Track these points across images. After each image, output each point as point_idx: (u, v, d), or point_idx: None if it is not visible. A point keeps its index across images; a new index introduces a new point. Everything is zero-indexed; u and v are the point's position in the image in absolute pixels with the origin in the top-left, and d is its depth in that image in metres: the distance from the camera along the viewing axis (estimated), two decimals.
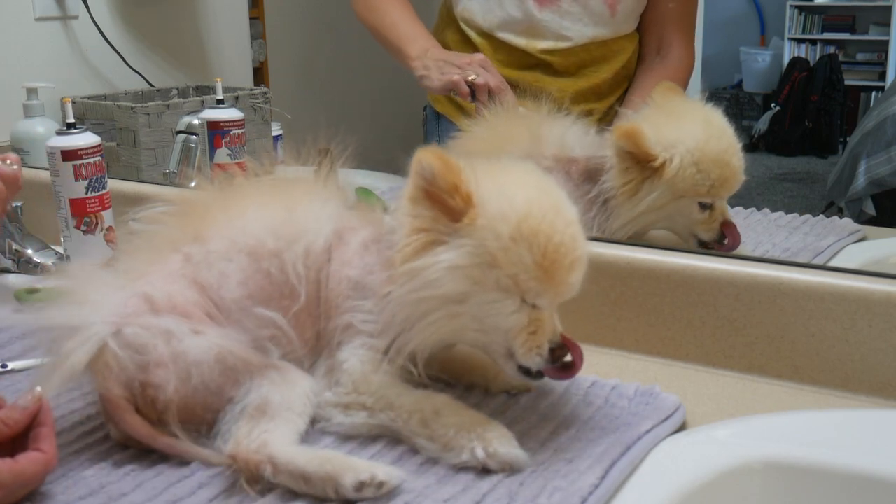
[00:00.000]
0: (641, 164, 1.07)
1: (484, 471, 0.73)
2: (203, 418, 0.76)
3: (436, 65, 1.34)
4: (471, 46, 1.53)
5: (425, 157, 0.74)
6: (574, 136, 1.17)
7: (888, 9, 5.13)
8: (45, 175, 1.27)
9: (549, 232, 0.74)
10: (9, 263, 1.29)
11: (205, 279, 0.81)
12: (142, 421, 0.76)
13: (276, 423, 0.74)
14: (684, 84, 1.48)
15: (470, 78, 1.29)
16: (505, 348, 0.78)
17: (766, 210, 1.31)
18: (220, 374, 0.76)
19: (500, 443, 0.74)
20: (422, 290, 0.75)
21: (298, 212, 0.84)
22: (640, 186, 1.08)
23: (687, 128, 1.08)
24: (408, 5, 1.50)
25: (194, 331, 0.77)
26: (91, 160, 1.22)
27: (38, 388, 0.74)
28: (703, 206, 1.08)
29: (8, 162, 0.86)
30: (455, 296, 0.75)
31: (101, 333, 0.75)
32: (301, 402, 0.77)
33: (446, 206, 0.74)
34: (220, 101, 1.39)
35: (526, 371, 0.78)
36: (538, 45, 1.48)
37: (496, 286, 0.74)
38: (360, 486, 0.68)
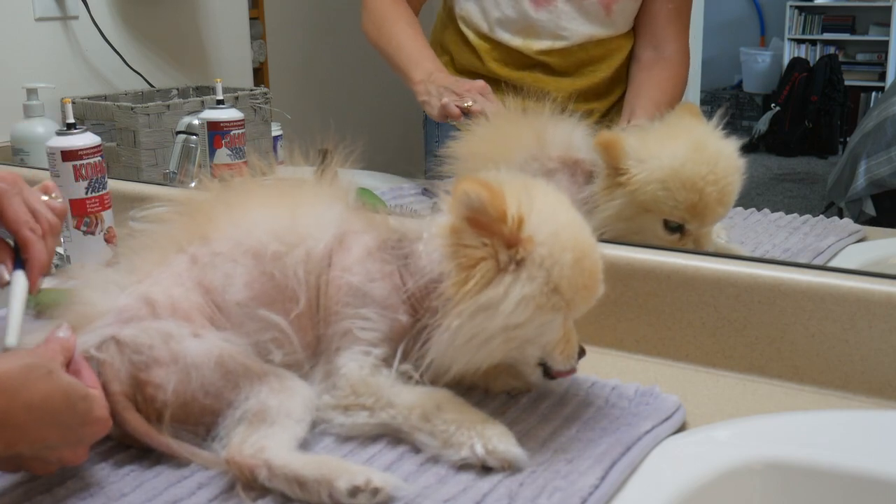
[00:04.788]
0: (617, 173, 1.07)
1: (484, 471, 0.73)
2: (201, 420, 0.76)
3: (437, 91, 1.34)
4: (469, 47, 1.53)
5: (471, 188, 0.73)
6: (580, 137, 1.17)
7: (888, 9, 5.14)
8: (44, 175, 1.27)
9: (590, 251, 0.78)
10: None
11: (210, 281, 0.81)
12: (140, 419, 0.76)
13: (275, 430, 0.74)
14: (684, 80, 1.48)
15: (466, 105, 1.28)
16: (538, 359, 0.81)
17: (766, 210, 1.31)
18: (220, 377, 0.76)
19: (500, 440, 0.74)
20: (488, 322, 0.75)
21: (301, 215, 0.84)
22: (612, 193, 1.07)
23: (671, 146, 1.05)
24: (416, 27, 1.50)
25: (194, 334, 0.77)
26: (91, 160, 1.22)
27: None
28: (671, 228, 1.06)
29: (53, 195, 0.90)
30: (517, 324, 0.76)
31: (104, 334, 0.76)
32: (300, 410, 0.77)
33: (499, 234, 0.74)
34: (220, 102, 1.39)
35: (548, 373, 0.82)
36: (535, 45, 1.48)
37: (552, 309, 0.76)
38: (355, 490, 0.68)
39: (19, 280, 0.81)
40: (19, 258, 0.83)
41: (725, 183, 1.04)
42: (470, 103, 1.28)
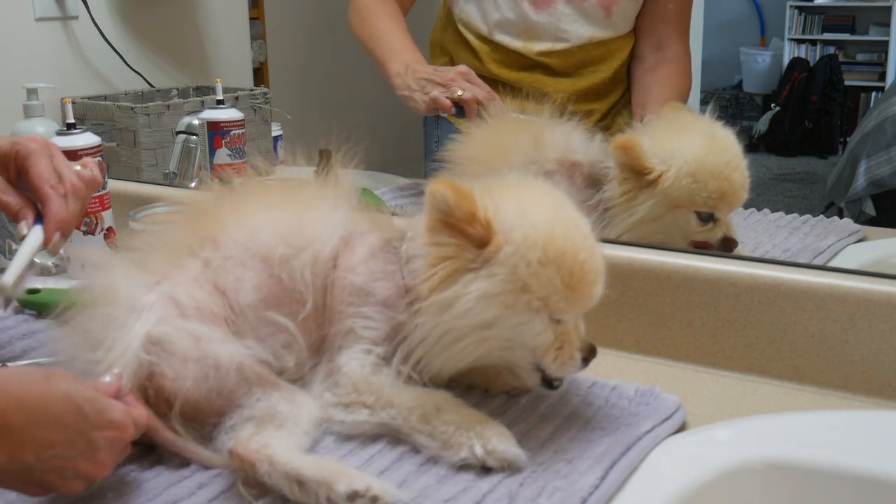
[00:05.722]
0: (639, 175, 1.07)
1: (484, 471, 0.73)
2: (207, 420, 0.76)
3: (418, 84, 1.31)
4: (468, 48, 1.53)
5: (438, 189, 0.74)
6: (578, 140, 1.17)
7: (888, 9, 5.13)
8: None
9: (573, 251, 0.76)
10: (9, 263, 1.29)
11: (224, 284, 0.81)
12: (148, 412, 0.75)
13: (282, 433, 0.74)
14: (690, 79, 1.48)
15: (457, 95, 1.27)
16: (532, 363, 0.79)
17: (766, 210, 1.31)
18: (237, 382, 0.76)
19: (499, 440, 0.74)
20: (454, 321, 0.75)
21: (307, 217, 0.84)
22: (638, 196, 1.08)
23: (688, 140, 1.07)
24: (399, 18, 1.48)
25: (223, 339, 0.77)
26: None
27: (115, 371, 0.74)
28: (703, 218, 1.07)
29: (89, 168, 0.93)
30: (485, 322, 0.75)
31: (143, 330, 0.76)
32: (307, 421, 0.77)
33: (467, 235, 0.75)
34: (220, 102, 1.39)
35: (548, 381, 0.81)
36: (535, 46, 1.48)
37: (526, 309, 0.75)
38: (354, 494, 0.68)
39: (35, 232, 0.85)
40: (42, 218, 0.86)
41: (743, 166, 1.08)
42: (460, 93, 1.26)
